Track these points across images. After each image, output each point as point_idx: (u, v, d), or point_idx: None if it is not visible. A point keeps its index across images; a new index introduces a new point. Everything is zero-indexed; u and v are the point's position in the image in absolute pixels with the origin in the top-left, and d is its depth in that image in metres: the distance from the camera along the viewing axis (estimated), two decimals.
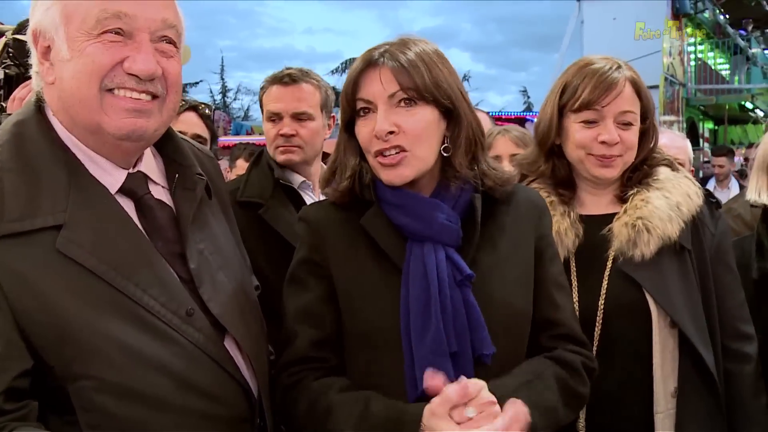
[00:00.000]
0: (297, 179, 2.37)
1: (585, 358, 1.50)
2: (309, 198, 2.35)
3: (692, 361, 1.71)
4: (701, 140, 18.41)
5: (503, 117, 15.48)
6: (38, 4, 1.28)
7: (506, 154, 2.59)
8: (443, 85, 1.41)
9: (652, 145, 1.85)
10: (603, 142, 1.75)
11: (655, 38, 16.32)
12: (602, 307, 1.74)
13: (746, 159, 10.14)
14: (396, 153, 1.39)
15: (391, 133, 1.38)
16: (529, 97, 46.32)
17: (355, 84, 1.42)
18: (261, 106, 2.47)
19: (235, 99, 40.26)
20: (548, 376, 1.41)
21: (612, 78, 1.75)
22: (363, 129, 1.43)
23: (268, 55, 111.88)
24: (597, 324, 1.73)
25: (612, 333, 1.72)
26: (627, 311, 1.73)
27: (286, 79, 2.35)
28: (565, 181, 1.88)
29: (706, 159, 12.26)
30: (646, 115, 1.82)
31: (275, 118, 2.34)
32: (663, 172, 1.83)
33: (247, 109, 39.74)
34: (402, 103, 1.39)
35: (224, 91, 39.92)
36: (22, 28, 1.83)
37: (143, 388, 1.19)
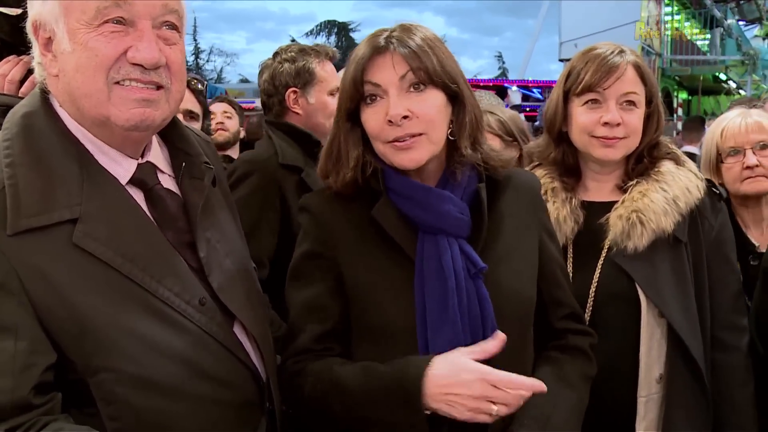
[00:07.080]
0: None
1: (590, 337, 1.59)
2: None
3: (679, 350, 1.76)
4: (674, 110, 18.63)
5: (481, 84, 15.48)
6: None
7: None
8: (449, 68, 1.41)
9: (656, 129, 1.87)
10: (605, 124, 1.78)
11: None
12: (593, 294, 1.79)
13: None
14: (411, 138, 1.38)
15: (405, 117, 1.36)
16: (503, 63, 46.30)
17: (363, 69, 1.40)
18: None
19: (207, 61, 39.51)
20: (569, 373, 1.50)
21: (613, 61, 1.78)
22: (372, 116, 1.40)
23: (241, 16, 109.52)
24: (587, 310, 1.78)
25: (601, 320, 1.77)
26: (617, 300, 1.78)
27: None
28: (571, 168, 1.91)
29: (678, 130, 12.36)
30: (650, 98, 1.85)
31: None
32: (666, 165, 1.86)
33: (221, 71, 39.11)
34: (412, 88, 1.38)
35: (197, 53, 39.13)
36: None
37: (161, 378, 1.20)
